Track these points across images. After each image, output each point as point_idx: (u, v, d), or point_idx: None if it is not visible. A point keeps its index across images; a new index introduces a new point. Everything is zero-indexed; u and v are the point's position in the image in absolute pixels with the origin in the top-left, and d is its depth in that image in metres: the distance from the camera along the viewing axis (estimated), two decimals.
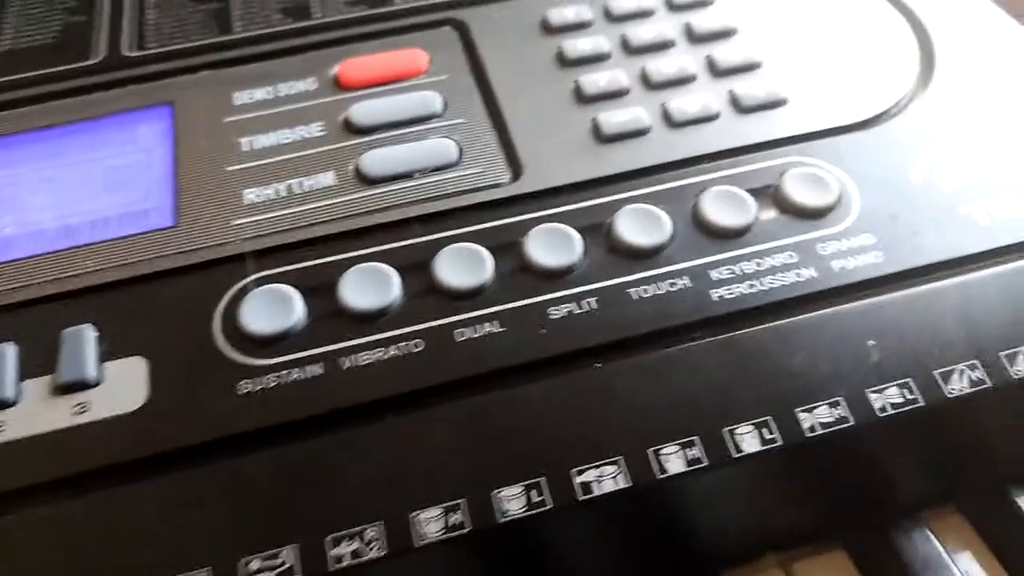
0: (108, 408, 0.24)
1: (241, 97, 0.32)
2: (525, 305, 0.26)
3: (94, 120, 0.32)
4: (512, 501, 0.22)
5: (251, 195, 0.29)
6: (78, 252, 0.27)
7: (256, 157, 0.30)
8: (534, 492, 0.22)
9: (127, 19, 0.36)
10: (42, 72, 0.34)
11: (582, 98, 0.32)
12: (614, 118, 0.31)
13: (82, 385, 0.24)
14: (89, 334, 0.25)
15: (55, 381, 0.24)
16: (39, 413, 0.23)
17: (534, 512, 0.22)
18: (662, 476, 0.23)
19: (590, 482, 0.23)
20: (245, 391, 0.24)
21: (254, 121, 0.31)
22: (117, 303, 0.26)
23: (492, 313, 0.26)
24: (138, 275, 0.27)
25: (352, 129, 0.31)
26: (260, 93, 0.32)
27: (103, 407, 0.24)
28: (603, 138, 0.30)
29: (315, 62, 0.33)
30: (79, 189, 0.29)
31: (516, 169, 0.30)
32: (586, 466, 0.23)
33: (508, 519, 0.22)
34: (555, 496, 0.22)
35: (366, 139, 0.30)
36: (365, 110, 0.31)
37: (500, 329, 0.25)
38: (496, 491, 0.22)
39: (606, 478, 0.23)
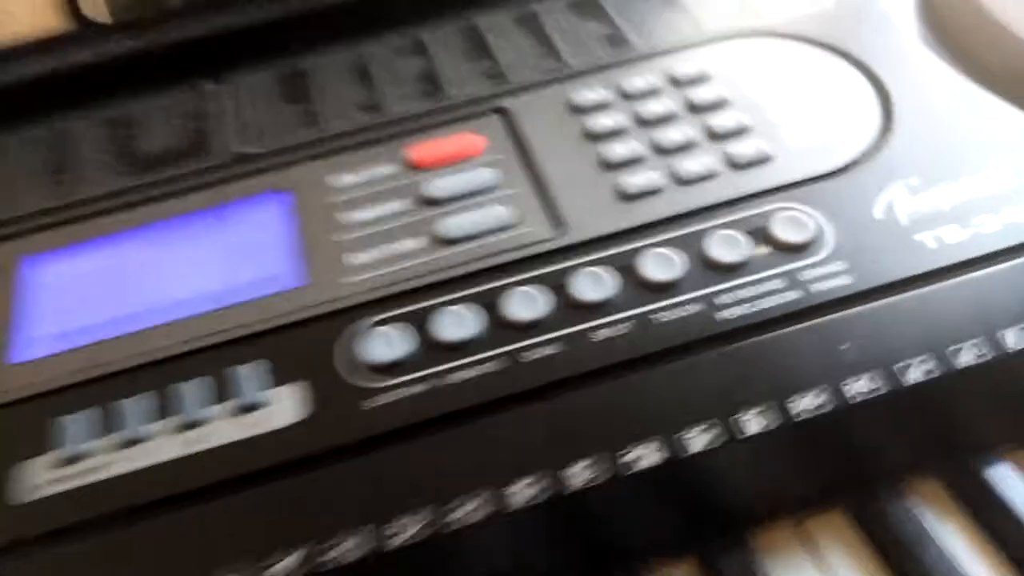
0: (274, 422, 0.32)
1: (336, 181, 0.41)
2: (573, 332, 0.34)
3: (223, 205, 0.40)
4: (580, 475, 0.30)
5: (354, 259, 0.37)
6: (229, 311, 0.36)
7: (356, 229, 0.38)
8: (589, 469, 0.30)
9: (234, 123, 0.45)
10: (174, 172, 0.43)
11: (607, 165, 0.40)
12: (633, 180, 0.39)
13: (253, 407, 0.32)
14: (256, 369, 0.34)
15: (235, 404, 0.33)
16: (226, 428, 0.32)
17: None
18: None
19: (637, 459, 0.30)
20: (372, 406, 0.32)
21: (350, 201, 0.40)
22: (293, 344, 0.34)
23: (549, 339, 0.33)
24: (275, 326, 0.35)
25: (428, 202, 0.39)
26: (349, 178, 0.41)
27: (270, 422, 0.32)
28: (626, 197, 0.38)
29: (392, 148, 0.42)
30: (228, 261, 0.38)
31: (559, 227, 0.38)
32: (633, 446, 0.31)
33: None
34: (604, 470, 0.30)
35: (440, 210, 0.39)
36: (438, 186, 0.39)
37: (557, 351, 0.33)
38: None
39: (650, 454, 0.30)
